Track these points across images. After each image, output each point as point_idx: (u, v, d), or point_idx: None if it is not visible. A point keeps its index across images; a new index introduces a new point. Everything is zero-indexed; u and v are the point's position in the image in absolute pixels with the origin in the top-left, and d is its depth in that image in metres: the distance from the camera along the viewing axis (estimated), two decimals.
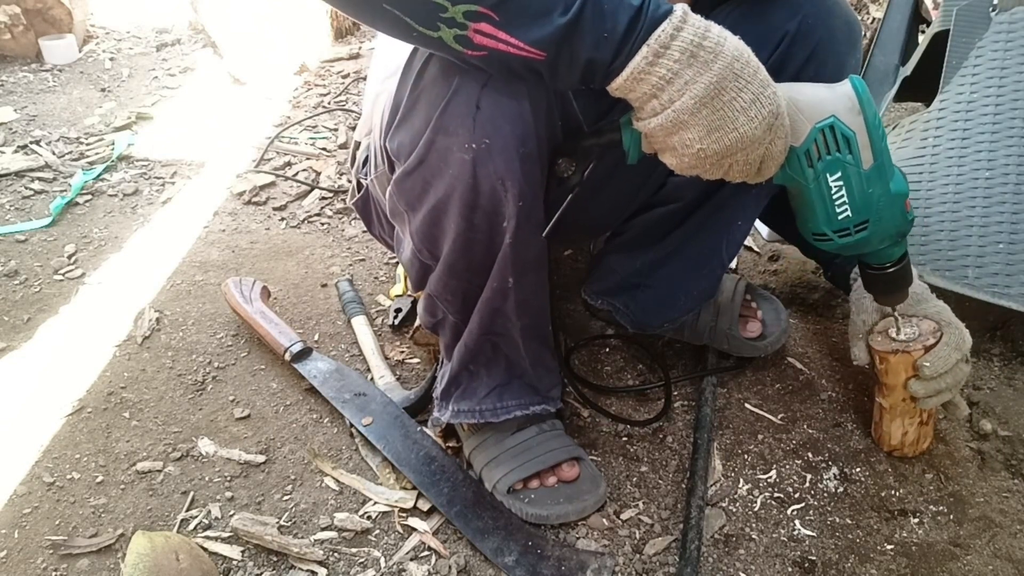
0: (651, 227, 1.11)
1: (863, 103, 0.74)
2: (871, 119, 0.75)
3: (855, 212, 0.78)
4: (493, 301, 0.88)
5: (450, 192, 0.78)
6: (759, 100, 0.67)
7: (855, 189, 0.77)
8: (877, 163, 0.76)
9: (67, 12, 2.44)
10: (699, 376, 1.17)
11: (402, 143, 0.80)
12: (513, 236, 0.80)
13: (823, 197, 0.78)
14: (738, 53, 0.66)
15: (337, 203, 1.69)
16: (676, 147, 0.70)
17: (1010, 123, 1.23)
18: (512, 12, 0.63)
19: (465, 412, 0.99)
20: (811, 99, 0.75)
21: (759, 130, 0.68)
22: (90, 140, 1.97)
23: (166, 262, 1.49)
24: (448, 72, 0.73)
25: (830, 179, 0.77)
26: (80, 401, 1.16)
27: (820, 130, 0.74)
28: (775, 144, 0.71)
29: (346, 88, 2.26)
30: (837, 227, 0.80)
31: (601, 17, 0.64)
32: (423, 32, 0.66)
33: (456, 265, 0.86)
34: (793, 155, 0.76)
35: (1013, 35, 1.30)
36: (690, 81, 0.65)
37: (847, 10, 0.92)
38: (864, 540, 0.94)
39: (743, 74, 0.66)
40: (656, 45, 0.64)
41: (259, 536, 0.93)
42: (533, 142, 0.76)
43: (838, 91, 0.75)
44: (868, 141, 0.75)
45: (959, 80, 1.32)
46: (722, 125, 0.67)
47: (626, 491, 1.01)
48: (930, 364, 0.92)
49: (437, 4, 0.63)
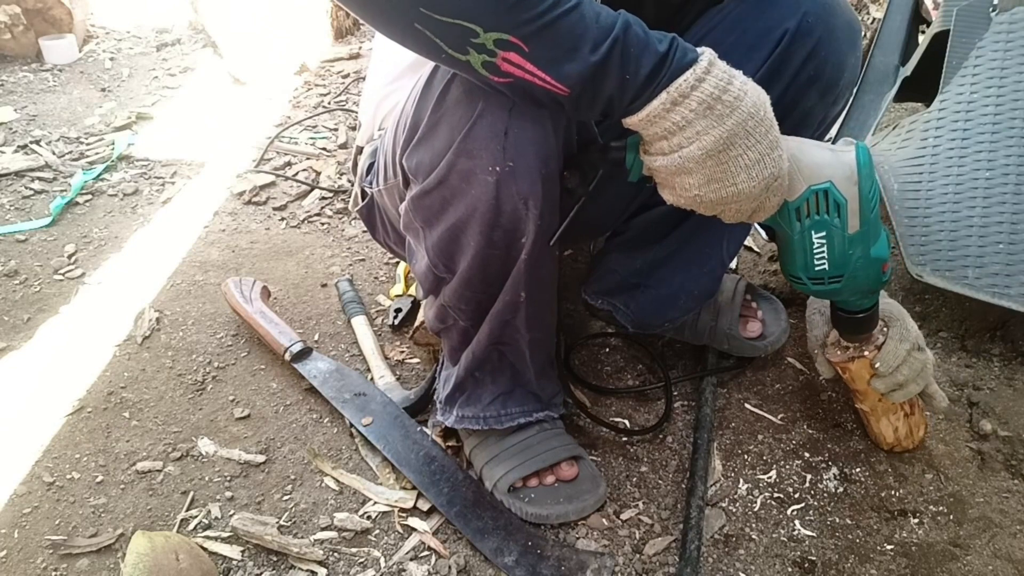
0: (651, 227, 1.11)
1: (861, 175, 0.77)
2: (866, 191, 0.77)
3: (832, 267, 0.81)
4: (504, 314, 0.89)
5: (471, 212, 0.78)
6: (763, 160, 0.69)
7: (836, 248, 0.80)
8: (863, 230, 0.79)
9: (67, 12, 2.44)
10: (699, 376, 1.17)
11: (421, 162, 0.80)
12: (529, 253, 0.81)
13: (804, 249, 0.81)
14: (755, 110, 0.67)
15: (337, 203, 1.69)
16: (675, 187, 0.72)
17: (1010, 123, 1.23)
18: (543, 46, 0.64)
19: (469, 418, 0.99)
20: (813, 161, 0.77)
21: (756, 189, 0.71)
22: (90, 140, 1.97)
23: (166, 262, 1.49)
24: (472, 95, 0.74)
25: (814, 235, 0.80)
26: (80, 401, 1.16)
27: (814, 192, 0.77)
28: (770, 200, 0.74)
29: (346, 88, 2.26)
30: (812, 275, 0.83)
31: (627, 60, 0.65)
32: (452, 55, 0.66)
33: (473, 279, 0.86)
34: (785, 207, 0.78)
35: (1013, 35, 1.30)
36: (702, 132, 0.67)
37: (847, 9, 0.92)
38: (864, 540, 0.94)
39: (755, 132, 0.68)
40: (676, 94, 0.66)
41: (259, 536, 0.93)
42: (555, 163, 0.78)
43: (842, 158, 0.77)
44: (858, 209, 0.78)
45: (959, 80, 1.32)
46: (723, 178, 0.69)
47: (626, 491, 1.01)
48: (881, 362, 0.93)
49: (470, 29, 0.63)
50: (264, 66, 2.33)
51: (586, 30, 0.64)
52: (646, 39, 0.66)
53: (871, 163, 0.77)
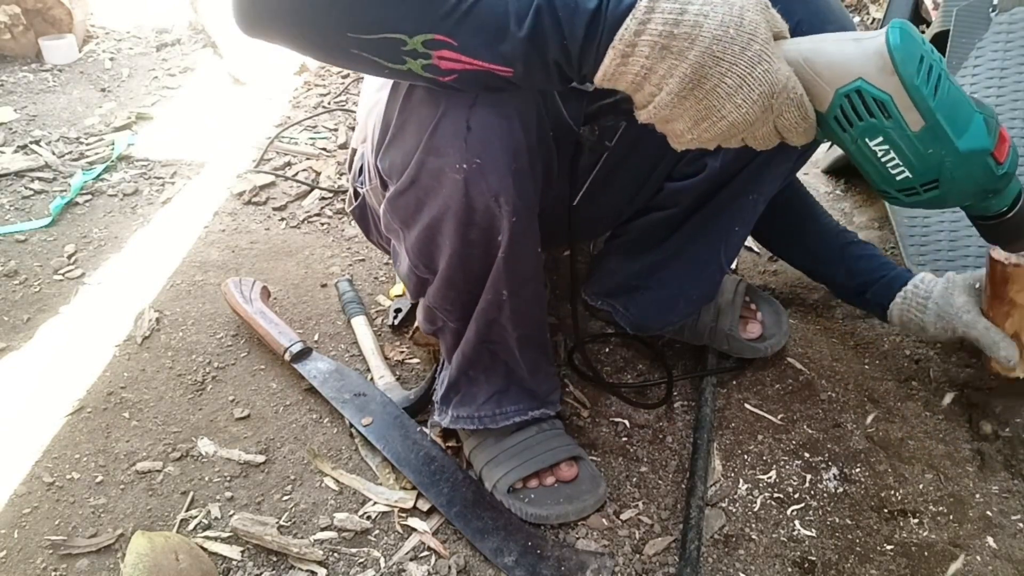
0: (651, 230, 1.11)
1: (897, 61, 0.62)
2: (910, 78, 0.62)
3: (915, 174, 0.68)
4: (489, 312, 0.89)
5: (444, 211, 0.78)
6: (746, 82, 0.61)
7: (906, 151, 0.66)
8: (929, 124, 0.64)
9: (67, 12, 2.44)
10: (699, 376, 1.17)
11: (393, 163, 0.81)
12: (506, 251, 0.80)
13: (869, 160, 0.68)
14: (721, 30, 0.59)
15: (337, 203, 1.69)
16: (670, 136, 0.69)
17: (1010, 123, 1.23)
18: (468, 35, 0.63)
19: (464, 418, 0.99)
20: (832, 60, 0.64)
21: (751, 114, 0.63)
22: (90, 140, 1.97)
23: (166, 262, 1.49)
24: (436, 93, 0.73)
25: (871, 143, 0.67)
26: (80, 401, 1.16)
27: (845, 95, 0.64)
28: (783, 118, 0.65)
29: (346, 88, 2.26)
30: (899, 187, 0.69)
31: (558, 25, 0.62)
32: (393, 67, 0.66)
33: (454, 278, 0.86)
34: (823, 119, 0.67)
35: (1013, 35, 1.30)
36: (665, 75, 0.62)
37: (842, 15, 0.92)
38: (864, 540, 0.94)
39: (725, 56, 0.60)
40: (621, 46, 0.61)
41: (259, 536, 0.93)
42: (525, 156, 0.76)
43: (867, 47, 0.63)
44: (910, 103, 0.63)
45: (959, 80, 1.32)
46: (709, 115, 0.63)
47: (626, 491, 1.01)
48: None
49: (397, 39, 0.63)
50: (264, 66, 2.32)
51: (506, 7, 0.62)
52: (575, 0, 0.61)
53: (911, 42, 0.62)
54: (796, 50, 0.64)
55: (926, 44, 0.63)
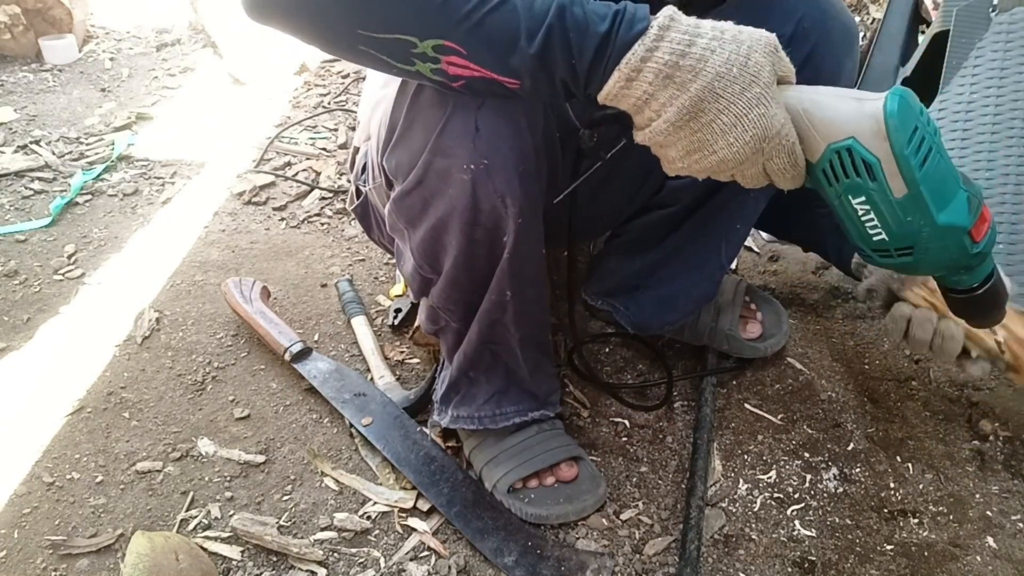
0: (650, 230, 1.11)
1: (890, 129, 0.62)
2: (901, 147, 0.62)
3: (891, 237, 0.68)
4: (492, 313, 0.89)
5: (450, 211, 0.78)
6: (740, 123, 0.62)
7: (886, 215, 0.66)
8: (912, 193, 0.64)
9: (67, 12, 2.44)
10: (699, 376, 1.17)
11: (400, 163, 0.81)
12: (511, 252, 0.81)
13: (849, 215, 0.69)
14: (725, 68, 0.61)
15: (337, 203, 1.69)
16: (663, 160, 0.69)
17: (1010, 123, 1.23)
18: (479, 45, 0.63)
19: (464, 418, 0.99)
20: (829, 115, 0.65)
21: (742, 154, 0.64)
22: (90, 140, 1.97)
23: (166, 262, 1.49)
24: (443, 94, 0.74)
25: (853, 201, 0.67)
26: (80, 401, 1.16)
27: (836, 151, 0.65)
28: (773, 162, 0.65)
29: (346, 88, 2.26)
30: (874, 246, 0.70)
31: (568, 44, 0.62)
32: (401, 67, 0.67)
33: (458, 279, 0.86)
34: (812, 169, 0.68)
35: (1013, 35, 1.30)
36: (665, 104, 0.63)
37: (844, 13, 0.92)
38: (864, 540, 0.94)
39: (725, 94, 0.61)
40: (627, 69, 0.62)
41: (259, 536, 0.93)
42: (532, 159, 0.77)
43: (865, 109, 0.63)
44: (896, 170, 0.64)
45: (959, 80, 1.32)
46: (701, 147, 0.64)
47: (626, 491, 1.01)
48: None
49: (407, 41, 0.64)
50: (264, 66, 2.32)
51: (519, 22, 0.62)
52: (585, 20, 0.62)
53: (908, 112, 0.62)
54: (797, 98, 0.65)
55: (924, 115, 0.64)
